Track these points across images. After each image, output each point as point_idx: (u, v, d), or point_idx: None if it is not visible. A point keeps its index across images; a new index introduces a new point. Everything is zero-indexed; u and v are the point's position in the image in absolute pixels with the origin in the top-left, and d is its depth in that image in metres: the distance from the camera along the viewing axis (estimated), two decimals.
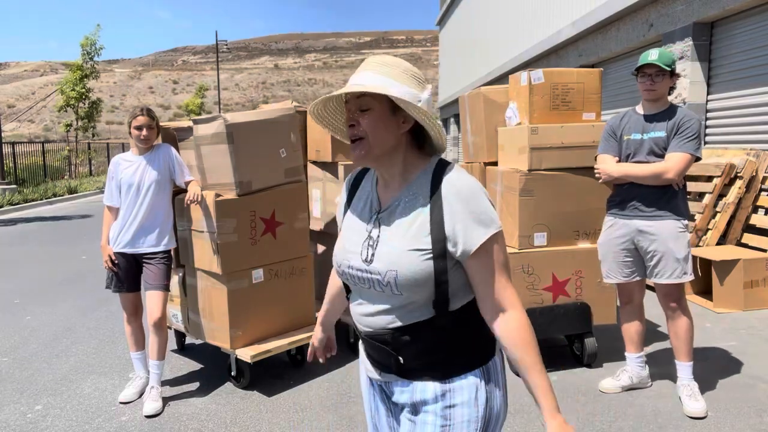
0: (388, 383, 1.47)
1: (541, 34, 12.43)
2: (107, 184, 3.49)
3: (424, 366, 1.37)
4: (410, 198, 1.36)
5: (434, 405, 1.37)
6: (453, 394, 1.36)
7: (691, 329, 3.21)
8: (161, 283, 3.41)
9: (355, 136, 1.34)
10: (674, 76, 3.14)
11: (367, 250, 1.37)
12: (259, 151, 3.49)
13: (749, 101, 6.40)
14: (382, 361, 1.42)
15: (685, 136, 3.04)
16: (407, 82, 1.33)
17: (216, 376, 3.80)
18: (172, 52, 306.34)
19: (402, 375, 1.40)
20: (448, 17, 26.33)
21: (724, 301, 4.96)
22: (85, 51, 20.64)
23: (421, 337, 1.35)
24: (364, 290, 1.41)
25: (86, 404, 3.44)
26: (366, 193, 1.47)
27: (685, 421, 3.05)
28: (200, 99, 38.20)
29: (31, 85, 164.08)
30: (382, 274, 1.32)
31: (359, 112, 1.33)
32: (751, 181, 5.65)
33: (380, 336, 1.39)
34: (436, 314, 1.34)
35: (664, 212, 3.12)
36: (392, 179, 1.40)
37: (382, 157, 1.36)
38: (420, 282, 1.30)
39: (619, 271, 3.31)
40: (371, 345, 1.42)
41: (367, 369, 1.50)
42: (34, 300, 5.84)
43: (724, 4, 6.42)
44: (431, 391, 1.37)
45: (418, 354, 1.36)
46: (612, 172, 3.21)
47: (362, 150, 1.34)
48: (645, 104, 3.23)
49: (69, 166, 22.14)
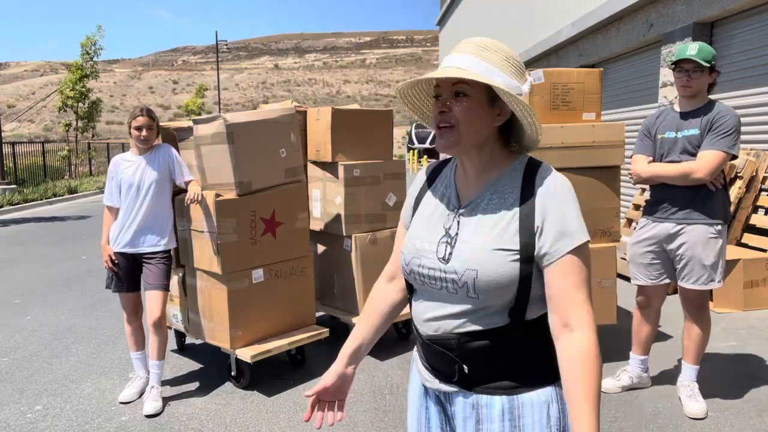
0: (448, 394, 1.33)
1: (541, 34, 12.43)
2: (107, 184, 3.49)
3: (491, 378, 1.26)
4: (497, 196, 1.25)
5: (500, 422, 1.25)
6: (522, 411, 1.25)
7: (706, 335, 3.15)
8: (161, 283, 3.41)
9: (445, 123, 1.23)
10: (714, 73, 2.99)
11: (444, 248, 1.26)
12: (259, 151, 3.49)
13: (749, 101, 6.39)
14: (444, 370, 1.30)
15: (719, 132, 2.89)
16: (509, 71, 1.23)
17: (216, 376, 3.80)
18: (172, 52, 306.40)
19: (465, 386, 1.28)
20: (448, 17, 26.33)
21: (724, 301, 4.96)
22: (85, 51, 20.64)
23: (490, 345, 1.24)
24: (433, 291, 1.29)
25: (86, 404, 3.44)
26: (444, 188, 1.35)
27: (685, 422, 3.05)
28: (200, 99, 38.16)
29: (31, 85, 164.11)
30: (459, 274, 1.22)
31: (453, 98, 1.22)
32: (751, 181, 5.65)
33: (445, 341, 1.27)
34: (510, 322, 1.23)
35: (696, 215, 2.99)
36: (475, 174, 1.29)
37: (471, 149, 1.26)
38: (501, 285, 1.19)
39: (646, 274, 3.22)
40: (432, 350, 1.30)
41: (423, 377, 1.37)
42: (34, 300, 5.84)
43: (724, 4, 6.42)
44: (498, 406, 1.25)
45: (486, 364, 1.25)
46: (642, 173, 3.11)
47: (451, 139, 1.23)
48: (681, 101, 3.09)
49: (69, 166, 22.13)
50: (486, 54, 1.22)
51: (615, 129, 3.65)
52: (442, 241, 1.27)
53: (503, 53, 1.24)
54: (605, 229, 3.72)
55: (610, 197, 3.69)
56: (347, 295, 4.18)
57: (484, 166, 1.28)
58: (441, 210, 1.32)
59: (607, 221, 3.72)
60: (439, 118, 1.24)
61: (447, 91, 1.22)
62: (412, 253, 1.31)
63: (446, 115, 1.22)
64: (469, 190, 1.30)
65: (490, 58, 1.22)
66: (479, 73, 1.19)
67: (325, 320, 4.60)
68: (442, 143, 1.24)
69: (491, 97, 1.23)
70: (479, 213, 1.26)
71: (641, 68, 8.57)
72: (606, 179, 3.68)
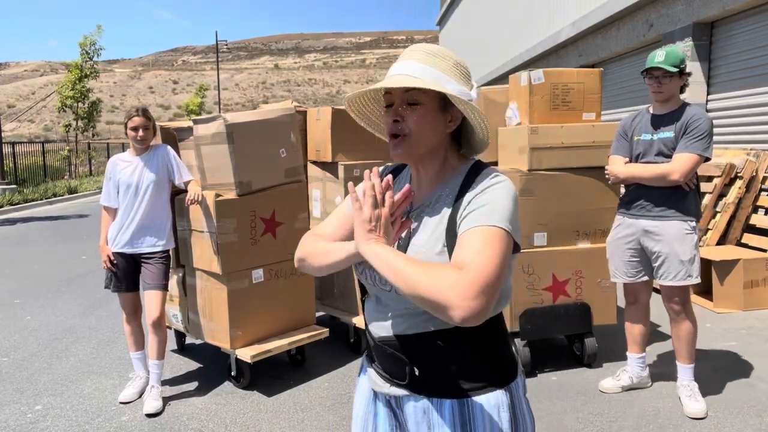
0: (399, 398, 1.32)
1: (541, 34, 12.43)
2: (105, 185, 3.49)
3: (442, 380, 1.25)
4: (441, 199, 1.27)
5: (451, 427, 1.24)
6: (473, 415, 1.24)
7: (694, 332, 3.18)
8: (160, 283, 3.41)
9: (398, 132, 1.23)
10: (684, 75, 3.07)
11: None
12: (259, 151, 3.49)
13: (749, 101, 6.40)
14: (395, 372, 1.30)
15: (693, 135, 2.98)
16: (457, 77, 1.24)
17: (216, 376, 3.80)
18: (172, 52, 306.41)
19: (416, 389, 1.28)
20: (448, 17, 26.32)
21: (724, 301, 4.96)
22: (84, 51, 20.63)
23: (439, 346, 1.24)
24: (384, 292, 1.29)
25: (86, 404, 3.44)
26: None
27: (685, 422, 3.05)
28: (200, 99, 38.18)
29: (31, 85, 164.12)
30: None
31: (406, 106, 1.22)
32: (751, 181, 5.65)
33: (396, 342, 1.27)
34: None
35: (671, 212, 3.09)
36: (429, 179, 1.30)
37: (425, 156, 1.27)
38: None
39: (625, 271, 3.30)
40: (383, 353, 1.31)
41: (373, 381, 1.37)
42: (34, 300, 5.84)
43: (724, 4, 6.42)
44: (448, 410, 1.25)
45: (436, 366, 1.25)
46: (619, 174, 3.20)
47: (405, 148, 1.23)
48: (655, 105, 3.19)
49: (69, 166, 22.14)
50: (435, 60, 1.23)
51: (615, 129, 3.64)
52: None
53: (451, 60, 1.25)
54: (605, 229, 3.72)
55: (610, 197, 3.69)
56: (347, 295, 4.19)
57: (437, 171, 1.30)
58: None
59: (607, 221, 3.71)
60: (392, 127, 1.24)
61: (399, 100, 1.23)
62: None
63: (400, 124, 1.23)
64: (421, 194, 1.31)
65: (438, 65, 1.23)
66: (431, 80, 1.20)
67: (325, 320, 4.60)
68: (398, 152, 1.25)
69: (443, 104, 1.24)
70: (425, 216, 1.27)
71: (641, 68, 8.58)
72: (606, 179, 3.68)
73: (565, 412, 3.19)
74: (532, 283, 3.65)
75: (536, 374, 3.68)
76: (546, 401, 3.33)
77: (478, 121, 1.24)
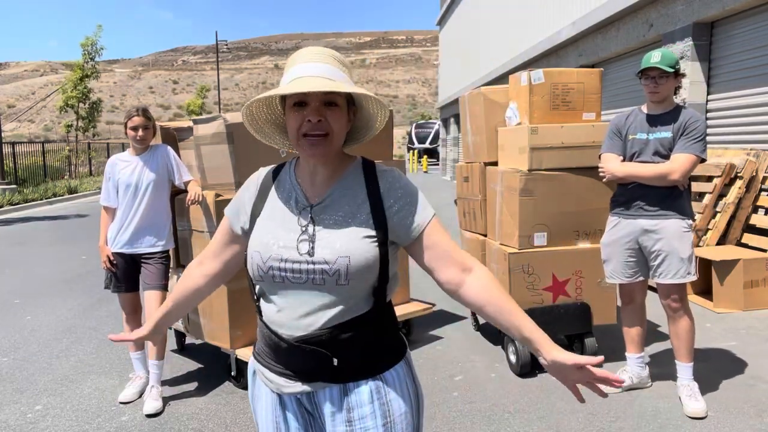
0: (311, 394, 1.38)
1: (541, 34, 12.43)
2: (104, 185, 3.49)
3: (358, 364, 1.33)
4: (347, 192, 1.35)
5: (371, 405, 1.34)
6: (387, 389, 1.35)
7: (692, 330, 3.20)
8: (159, 283, 3.41)
9: (320, 131, 1.27)
10: (679, 76, 3.13)
11: (306, 244, 1.31)
12: (259, 151, 3.48)
13: (749, 101, 6.39)
14: (310, 369, 1.33)
15: (692, 137, 3.04)
16: (349, 74, 1.35)
17: (216, 376, 3.80)
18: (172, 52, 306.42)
19: (334, 379, 1.33)
20: (448, 17, 26.32)
21: (724, 301, 4.96)
22: (85, 51, 20.66)
23: (360, 332, 1.32)
24: (296, 288, 1.31)
25: (86, 404, 3.44)
26: (287, 190, 1.39)
27: (686, 421, 3.05)
28: (202, 99, 38.28)
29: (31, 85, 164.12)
30: (330, 263, 1.27)
31: (325, 107, 1.27)
32: (751, 181, 5.65)
33: (317, 338, 1.30)
34: (374, 305, 1.33)
35: (668, 212, 3.12)
36: (326, 176, 1.37)
37: (334, 155, 1.36)
38: (370, 267, 1.29)
39: (622, 272, 3.30)
40: (299, 352, 1.32)
41: (278, 384, 1.38)
42: (34, 300, 5.84)
43: (724, 4, 6.42)
44: (366, 390, 1.34)
45: (354, 352, 1.32)
46: (616, 172, 3.19)
47: (325, 147, 1.29)
48: (650, 105, 3.22)
49: (69, 166, 22.15)
50: (336, 63, 1.31)
51: None
52: (302, 238, 1.32)
53: (343, 60, 1.34)
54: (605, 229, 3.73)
55: (610, 197, 3.69)
56: None
57: (334, 168, 1.37)
58: (289, 209, 1.37)
59: (607, 221, 3.72)
60: (313, 126, 1.27)
61: (317, 101, 1.27)
62: (270, 252, 1.32)
63: (322, 124, 1.27)
64: (317, 190, 1.37)
65: (339, 67, 1.31)
66: (342, 82, 1.28)
67: None
68: (318, 150, 1.29)
69: (347, 103, 1.32)
70: (334, 208, 1.34)
71: None
72: None
73: (565, 412, 3.19)
74: (532, 283, 3.65)
75: (536, 374, 3.68)
76: (546, 401, 3.33)
77: (381, 112, 1.36)
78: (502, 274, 3.72)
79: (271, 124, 1.43)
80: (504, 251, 3.68)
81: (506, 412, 3.21)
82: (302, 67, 1.28)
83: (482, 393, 3.47)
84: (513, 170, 3.65)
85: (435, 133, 33.20)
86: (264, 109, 1.39)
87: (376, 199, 1.34)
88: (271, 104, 1.38)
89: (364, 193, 1.35)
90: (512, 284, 3.62)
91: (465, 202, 4.45)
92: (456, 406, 3.31)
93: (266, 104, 1.38)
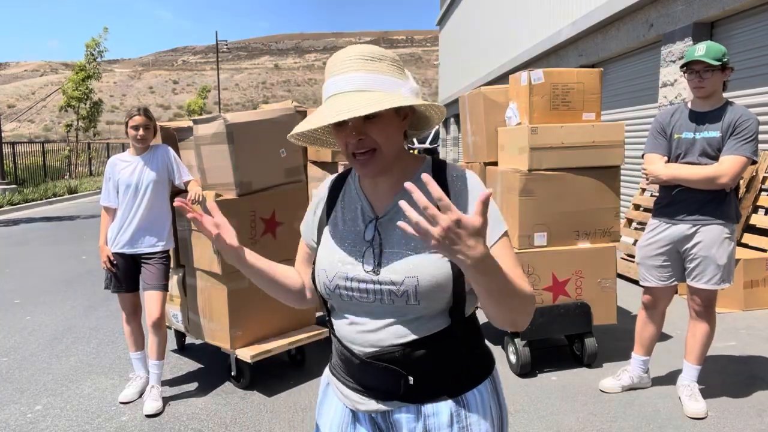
0: (387, 413, 1.27)
1: (541, 34, 12.43)
2: (104, 185, 3.49)
3: (436, 384, 1.23)
4: (413, 201, 1.21)
5: (449, 428, 1.23)
6: (468, 411, 1.24)
7: (710, 336, 3.14)
8: (160, 283, 3.41)
9: (365, 148, 1.17)
10: (726, 70, 2.92)
11: (372, 259, 1.22)
12: (259, 151, 3.49)
13: (749, 101, 6.39)
14: (385, 387, 1.24)
15: (742, 137, 2.85)
16: (399, 74, 1.19)
17: (216, 376, 3.80)
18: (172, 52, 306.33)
19: (410, 399, 1.24)
20: (448, 17, 26.33)
21: (724, 301, 4.96)
22: (89, 52, 20.71)
23: (436, 349, 1.22)
24: (365, 305, 1.24)
25: (86, 404, 3.44)
26: (352, 200, 1.32)
27: (686, 422, 3.05)
28: (203, 99, 38.37)
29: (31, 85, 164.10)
30: (397, 284, 1.18)
31: (365, 122, 1.15)
32: (751, 181, 5.65)
33: (388, 355, 1.21)
34: (453, 322, 1.23)
35: (712, 217, 2.97)
36: (390, 184, 1.27)
37: (393, 164, 1.24)
38: (441, 286, 1.18)
39: (657, 275, 3.18)
40: (372, 369, 1.24)
41: (353, 401, 1.30)
42: (34, 300, 5.84)
43: (724, 4, 6.42)
44: (445, 412, 1.23)
45: (431, 371, 1.23)
46: (661, 175, 3.03)
47: (376, 164, 1.18)
48: (697, 101, 3.03)
49: (69, 166, 22.16)
50: (376, 65, 1.17)
51: (615, 129, 3.65)
52: (368, 252, 1.23)
53: (387, 57, 1.19)
54: (605, 229, 3.73)
55: (610, 197, 3.69)
56: None
57: (398, 175, 1.26)
58: (355, 222, 1.28)
59: (607, 221, 3.72)
60: (356, 145, 1.16)
61: (354, 119, 1.15)
62: (336, 269, 1.25)
63: (365, 141, 1.16)
64: (382, 198, 1.27)
65: (381, 69, 1.17)
66: (382, 89, 1.15)
67: (325, 320, 4.60)
68: (369, 169, 1.19)
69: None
70: (401, 220, 1.20)
71: (641, 68, 8.57)
72: (606, 179, 3.68)
73: (565, 412, 3.19)
74: (532, 283, 3.65)
75: (536, 374, 3.68)
76: (546, 401, 3.33)
77: (435, 111, 1.23)
78: None
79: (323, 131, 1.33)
80: None
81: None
82: (334, 81, 1.17)
83: None
84: (513, 170, 3.65)
85: (435, 133, 33.13)
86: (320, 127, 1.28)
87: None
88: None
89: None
90: None
91: None
92: None
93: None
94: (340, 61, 1.17)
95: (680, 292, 5.25)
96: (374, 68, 1.16)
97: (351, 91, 1.14)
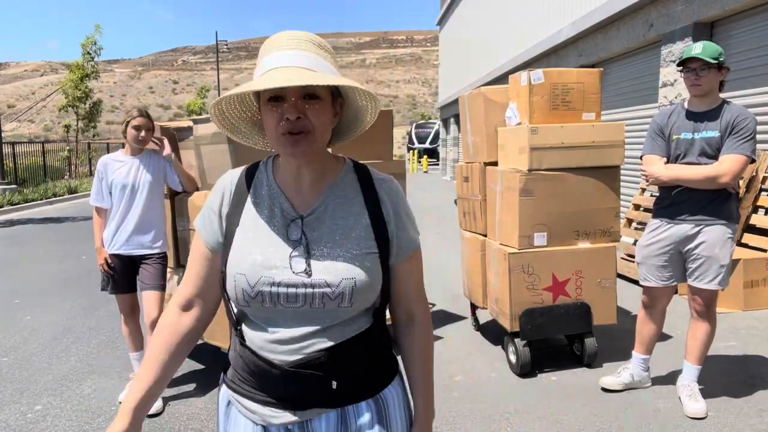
0: (305, 423, 1.21)
1: (541, 34, 12.43)
2: (95, 185, 3.41)
3: (358, 385, 1.22)
4: (340, 200, 1.21)
5: (370, 424, 1.23)
6: (387, 408, 1.26)
7: (711, 336, 3.14)
8: (157, 283, 3.41)
9: (302, 129, 1.11)
10: (723, 69, 2.93)
11: (300, 261, 1.16)
12: (259, 150, 3.48)
13: (749, 101, 6.39)
14: (303, 395, 1.19)
15: (741, 136, 2.86)
16: (333, 61, 1.17)
17: (216, 376, 3.80)
18: (172, 52, 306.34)
19: (332, 403, 1.20)
20: (448, 17, 26.32)
21: (724, 301, 4.96)
22: (86, 51, 20.69)
23: (358, 351, 1.20)
24: (290, 311, 1.17)
25: (86, 404, 3.44)
26: (267, 197, 1.23)
27: (686, 421, 3.05)
28: (202, 99, 38.44)
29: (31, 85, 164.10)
30: (333, 285, 1.14)
31: (305, 100, 1.11)
32: (751, 181, 5.65)
33: (314, 361, 1.16)
34: (374, 322, 1.24)
35: (714, 217, 2.98)
36: (312, 180, 1.21)
37: (318, 154, 1.19)
38: (374, 287, 1.18)
39: (658, 275, 3.19)
40: (294, 378, 1.17)
41: (265, 416, 1.21)
42: (34, 300, 5.84)
43: (724, 4, 6.42)
44: (365, 412, 1.23)
45: (354, 373, 1.21)
46: (661, 176, 3.04)
47: (307, 145, 1.12)
48: (694, 100, 3.03)
49: (69, 166, 22.16)
50: (322, 53, 1.15)
51: (615, 129, 3.65)
52: (295, 254, 1.16)
53: (331, 52, 1.19)
54: (605, 229, 3.73)
55: (610, 197, 3.69)
56: None
57: (321, 171, 1.22)
58: (274, 222, 1.20)
59: (607, 221, 3.72)
60: (294, 124, 1.11)
61: (295, 95, 1.11)
62: (259, 274, 1.16)
63: (302, 121, 1.11)
64: (305, 197, 1.21)
65: (326, 58, 1.16)
66: (326, 73, 1.12)
67: None
68: (300, 149, 1.12)
69: (333, 96, 1.17)
70: (329, 219, 1.19)
71: (641, 68, 8.57)
72: (606, 179, 3.68)
73: (565, 412, 3.19)
74: (532, 283, 3.65)
75: (536, 374, 3.68)
76: (546, 401, 3.33)
77: (372, 104, 1.19)
78: (502, 274, 3.72)
79: (247, 121, 1.26)
80: (504, 251, 3.68)
81: (506, 412, 3.21)
82: (277, 55, 1.12)
83: (482, 393, 3.46)
84: (513, 170, 3.65)
85: (435, 133, 33.22)
86: (237, 106, 1.22)
87: (375, 210, 1.21)
88: (244, 100, 1.22)
89: (360, 202, 1.21)
90: (512, 284, 3.62)
91: (465, 202, 4.45)
92: (456, 406, 3.31)
93: (238, 101, 1.21)
94: (283, 38, 1.15)
95: (680, 292, 5.24)
96: (321, 54, 1.15)
97: (294, 66, 1.10)
